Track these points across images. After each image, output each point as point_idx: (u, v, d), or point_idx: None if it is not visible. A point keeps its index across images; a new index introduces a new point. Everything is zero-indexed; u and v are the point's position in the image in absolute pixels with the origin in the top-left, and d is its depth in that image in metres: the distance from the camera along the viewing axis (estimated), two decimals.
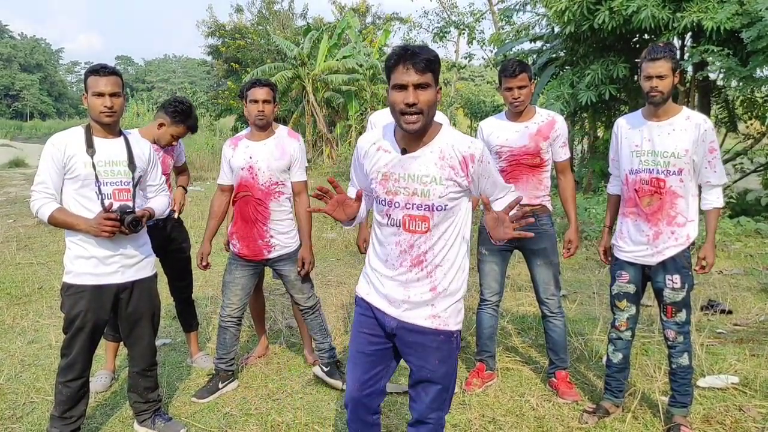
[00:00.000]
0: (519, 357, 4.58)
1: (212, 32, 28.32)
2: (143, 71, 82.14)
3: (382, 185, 2.42)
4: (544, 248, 3.89)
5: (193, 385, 4.19)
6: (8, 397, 4.00)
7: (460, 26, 18.45)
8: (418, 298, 2.43)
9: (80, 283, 3.18)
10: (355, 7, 27.73)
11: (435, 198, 2.34)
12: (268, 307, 5.71)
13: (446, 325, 2.45)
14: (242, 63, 25.90)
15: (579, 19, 10.61)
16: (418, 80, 2.22)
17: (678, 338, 3.45)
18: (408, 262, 2.42)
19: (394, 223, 2.41)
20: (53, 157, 3.12)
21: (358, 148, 2.53)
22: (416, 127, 2.27)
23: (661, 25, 9.84)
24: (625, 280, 3.54)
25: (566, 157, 3.92)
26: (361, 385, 2.57)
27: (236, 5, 28.86)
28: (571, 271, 7.18)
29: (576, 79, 11.39)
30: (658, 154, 3.36)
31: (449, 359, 2.49)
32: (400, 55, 2.24)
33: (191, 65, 65.78)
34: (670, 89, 3.29)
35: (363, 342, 2.57)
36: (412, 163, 2.36)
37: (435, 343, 2.45)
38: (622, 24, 10.08)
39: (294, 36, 24.32)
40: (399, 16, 28.68)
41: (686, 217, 3.37)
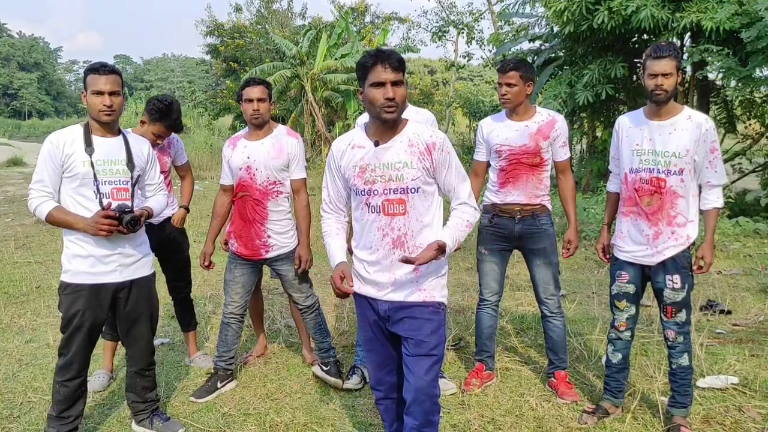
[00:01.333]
0: (518, 357, 4.57)
1: (211, 31, 28.28)
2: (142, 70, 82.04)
3: (360, 177, 2.64)
4: (543, 248, 3.88)
5: (192, 384, 4.18)
6: (5, 396, 3.98)
7: (458, 26, 18.46)
8: (403, 278, 2.64)
9: (78, 282, 3.16)
10: (354, 7, 27.70)
11: (409, 181, 2.57)
12: (267, 306, 5.69)
13: (432, 297, 2.66)
14: (241, 62, 25.87)
15: (578, 19, 10.60)
16: (394, 78, 2.51)
17: (678, 338, 3.43)
18: (389, 244, 2.63)
19: (374, 209, 2.63)
20: (51, 156, 3.11)
21: (334, 151, 2.75)
22: (394, 116, 2.54)
23: (660, 25, 9.83)
24: (624, 280, 3.53)
25: (566, 156, 3.91)
26: (378, 366, 2.86)
27: (235, 4, 28.82)
28: (571, 271, 7.17)
29: (574, 78, 11.38)
30: (659, 153, 3.35)
31: (439, 330, 2.67)
32: (377, 56, 2.52)
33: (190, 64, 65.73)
34: (673, 88, 3.28)
35: (367, 330, 2.84)
36: (385, 153, 2.60)
37: (425, 315, 2.65)
38: (621, 24, 10.07)
39: (293, 35, 24.27)
40: (398, 16, 28.68)
41: (686, 217, 3.36)
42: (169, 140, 4.30)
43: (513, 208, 3.87)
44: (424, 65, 44.60)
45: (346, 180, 2.71)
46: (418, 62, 44.29)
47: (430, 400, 2.64)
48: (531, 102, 3.88)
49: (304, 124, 20.83)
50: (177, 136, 4.42)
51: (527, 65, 3.77)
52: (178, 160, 4.43)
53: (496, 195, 3.94)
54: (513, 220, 3.87)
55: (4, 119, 50.03)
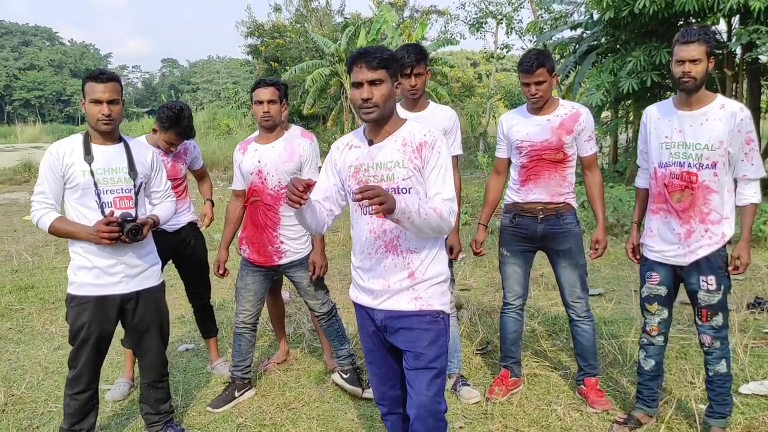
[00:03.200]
0: (548, 362, 4.36)
1: (251, 32, 28.49)
2: (188, 73, 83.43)
3: (354, 177, 2.53)
4: (568, 248, 3.67)
5: (211, 393, 4.11)
6: (28, 406, 3.99)
7: (497, 16, 18.11)
8: (397, 285, 2.50)
9: (83, 294, 3.11)
10: (392, 2, 27.51)
11: (399, 180, 2.45)
12: (293, 309, 5.62)
13: (429, 305, 2.51)
14: (281, 61, 25.98)
15: (618, 4, 10.25)
16: (371, 77, 2.39)
17: (714, 344, 3.19)
18: (383, 249, 2.51)
19: (367, 211, 2.50)
20: (51, 167, 3.06)
21: (332, 152, 2.65)
22: (372, 117, 2.43)
23: (705, 7, 9.42)
24: (655, 281, 3.30)
25: (592, 151, 3.68)
26: (381, 380, 2.73)
27: (274, 4, 28.97)
28: (610, 267, 6.88)
29: (617, 66, 11.00)
30: (689, 146, 3.11)
31: (438, 341, 2.52)
32: (355, 57, 2.43)
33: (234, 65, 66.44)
34: (703, 75, 3.03)
35: (367, 341, 2.71)
36: (378, 153, 2.50)
37: (422, 325, 2.50)
38: (663, 8, 9.70)
39: (332, 33, 24.25)
40: (437, 9, 28.36)
41: (721, 213, 3.11)
42: (186, 147, 4.23)
43: (535, 207, 3.67)
44: (466, 58, 44.11)
45: (342, 182, 2.60)
46: (460, 55, 43.81)
47: (434, 417, 2.50)
48: (573, 92, 3.67)
49: (344, 122, 20.80)
50: (194, 143, 4.36)
51: (549, 56, 3.55)
52: (194, 165, 4.38)
53: (517, 193, 3.74)
54: (535, 219, 3.67)
55: (59, 125, 51.49)
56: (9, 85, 69.71)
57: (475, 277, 6.72)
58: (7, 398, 4.06)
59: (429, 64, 3.24)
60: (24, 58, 73.06)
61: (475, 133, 21.36)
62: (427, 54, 3.71)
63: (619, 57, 11.22)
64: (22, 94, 68.96)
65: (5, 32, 78.54)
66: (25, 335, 5.32)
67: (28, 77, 69.37)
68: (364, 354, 2.78)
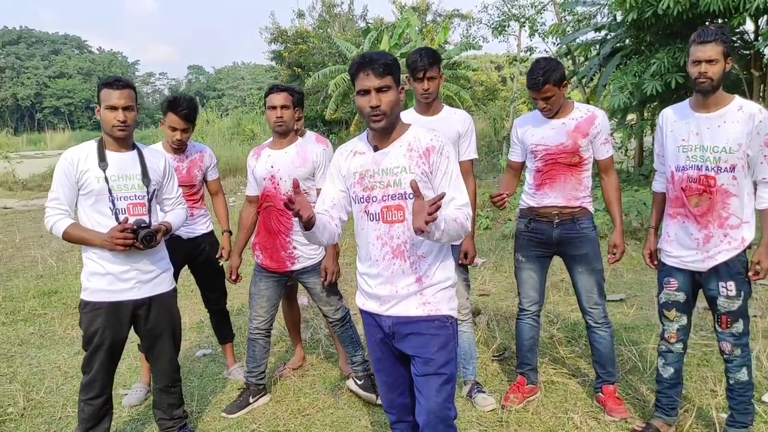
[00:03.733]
0: (566, 369, 4.29)
1: (275, 38, 28.69)
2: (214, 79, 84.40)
3: (359, 184, 2.52)
4: (585, 254, 3.60)
5: (226, 398, 4.12)
6: (46, 410, 4.03)
7: (520, 19, 17.98)
8: (405, 290, 2.49)
9: (96, 300, 3.13)
10: (415, 6, 27.52)
11: (407, 186, 2.40)
12: (310, 315, 5.62)
13: (438, 310, 2.49)
14: (304, 67, 26.12)
15: (641, 5, 10.10)
16: (378, 84, 2.38)
17: (735, 351, 3.11)
18: (390, 254, 2.49)
19: (373, 217, 2.50)
20: (66, 173, 3.09)
21: (336, 158, 2.64)
22: (381, 125, 2.42)
23: (731, 7, 9.23)
24: (673, 287, 3.23)
25: (608, 154, 3.61)
26: (389, 388, 2.70)
27: (298, 10, 29.16)
28: (633, 272, 6.76)
29: (641, 68, 10.84)
30: (707, 149, 3.04)
31: (447, 346, 2.50)
32: (360, 64, 2.41)
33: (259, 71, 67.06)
34: (720, 76, 2.96)
35: (375, 349, 2.68)
36: (384, 159, 2.49)
37: (431, 330, 2.48)
38: (688, 8, 9.53)
39: (354, 37, 24.32)
40: (460, 13, 28.28)
41: (740, 217, 3.03)
42: (201, 154, 4.24)
43: (550, 212, 3.61)
44: (490, 61, 43.90)
45: (347, 188, 2.59)
46: (484, 58, 43.63)
47: (444, 423, 2.47)
48: (598, 95, 3.61)
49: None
50: (210, 151, 4.34)
51: (555, 69, 3.42)
52: (209, 175, 4.33)
53: (532, 198, 3.69)
54: (551, 224, 3.62)
55: (88, 132, 52.29)
56: (39, 93, 71.21)
57: (494, 282, 6.66)
58: (26, 402, 4.11)
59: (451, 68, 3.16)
60: (54, 66, 74.61)
61: (498, 137, 21.23)
62: (440, 57, 3.68)
63: (643, 59, 11.06)
64: (52, 101, 70.40)
65: (35, 41, 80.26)
66: (47, 340, 5.38)
67: (58, 85, 70.80)
68: (372, 362, 2.75)
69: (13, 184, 18.20)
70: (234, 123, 29.46)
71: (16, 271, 7.98)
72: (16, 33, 79.97)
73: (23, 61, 74.96)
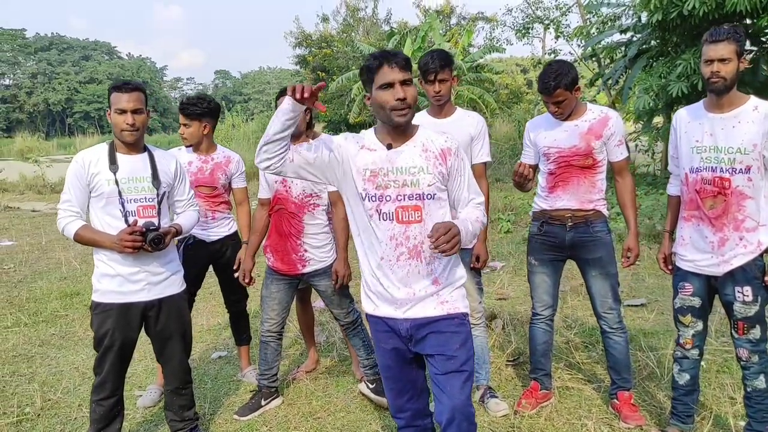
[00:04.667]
0: (581, 374, 4.22)
1: (299, 42, 28.87)
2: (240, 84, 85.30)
3: (371, 182, 2.45)
4: (599, 257, 3.54)
5: (239, 401, 4.12)
6: (62, 411, 4.07)
7: (545, 21, 17.87)
8: (422, 292, 2.46)
9: (107, 302, 3.16)
10: (439, 9, 27.48)
11: (425, 186, 2.41)
12: (325, 318, 5.61)
13: (456, 308, 2.49)
14: (328, 71, 26.23)
15: (667, 6, 9.95)
16: (403, 77, 2.35)
17: (752, 358, 3.04)
18: (406, 255, 2.44)
19: (387, 216, 2.44)
20: (77, 175, 3.12)
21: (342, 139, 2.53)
22: (406, 119, 2.38)
23: (759, 8, 9.06)
24: (688, 292, 3.16)
25: (623, 156, 3.55)
26: (397, 394, 2.64)
27: (322, 14, 29.33)
28: (655, 276, 6.64)
29: (666, 70, 10.68)
30: (721, 150, 2.97)
31: (467, 343, 2.49)
32: (382, 57, 2.37)
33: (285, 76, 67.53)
34: (734, 75, 2.90)
35: (384, 356, 2.62)
36: (399, 157, 2.44)
37: (451, 328, 2.47)
38: (714, 9, 9.37)
39: (378, 41, 24.36)
40: (484, 16, 28.17)
41: (756, 220, 2.96)
42: (228, 158, 4.25)
43: (564, 215, 3.56)
44: (516, 64, 43.67)
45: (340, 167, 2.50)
46: (510, 61, 43.40)
47: (468, 420, 2.44)
48: (624, 97, 3.56)
49: None
50: (239, 158, 4.34)
51: (566, 73, 3.36)
52: (235, 182, 4.31)
53: (545, 201, 3.65)
54: (564, 227, 3.57)
55: None
56: (70, 98, 72.63)
57: (513, 286, 6.59)
58: (43, 402, 4.16)
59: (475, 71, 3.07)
60: (84, 72, 76.06)
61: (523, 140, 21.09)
62: (452, 60, 3.65)
63: (668, 60, 10.90)
64: (82, 106, 71.76)
65: (67, 47, 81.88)
66: (67, 341, 5.45)
67: (88, 90, 72.12)
68: (379, 369, 2.71)
69: (42, 188, 18.52)
70: (259, 127, 29.58)
71: (40, 272, 8.11)
72: (47, 39, 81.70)
73: (54, 67, 76.57)
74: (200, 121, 4.12)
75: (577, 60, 16.73)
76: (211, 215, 4.20)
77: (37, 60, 77.40)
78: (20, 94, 73.59)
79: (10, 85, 76.52)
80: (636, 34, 12.96)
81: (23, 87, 74.11)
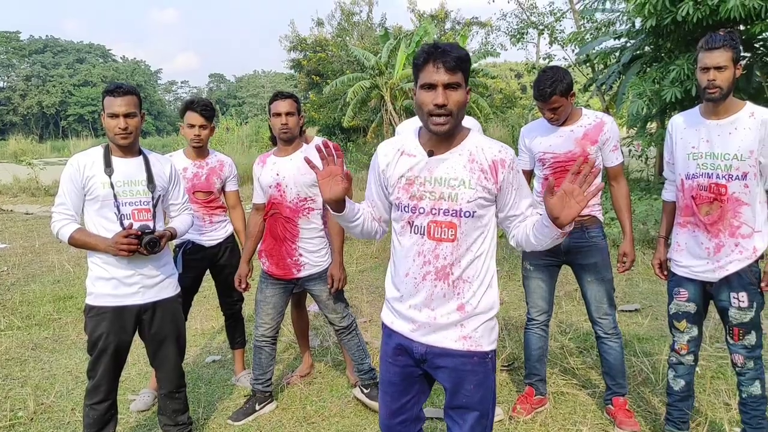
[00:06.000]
0: (576, 380, 4.22)
1: (294, 46, 28.88)
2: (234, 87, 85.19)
3: (405, 190, 2.24)
4: (594, 263, 3.55)
5: (233, 405, 4.11)
6: (55, 415, 4.04)
7: (539, 27, 17.91)
8: (445, 319, 2.22)
9: (101, 305, 3.14)
10: (433, 14, 27.53)
11: (463, 203, 2.16)
12: (320, 323, 5.60)
13: (479, 345, 2.23)
14: (323, 75, 26.24)
15: (661, 12, 9.99)
16: (448, 80, 2.07)
17: (747, 364, 3.04)
18: (432, 275, 2.21)
19: (418, 230, 2.22)
20: (72, 178, 3.10)
21: (378, 155, 2.34)
22: (444, 129, 2.12)
23: (753, 14, 9.10)
24: (683, 298, 3.16)
25: (618, 161, 3.56)
26: (392, 413, 2.42)
27: (317, 18, 29.37)
28: (649, 282, 6.66)
29: (659, 75, 10.73)
30: (717, 156, 2.98)
31: (486, 382, 2.26)
32: (429, 53, 2.09)
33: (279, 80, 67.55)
34: (730, 83, 2.90)
35: (390, 371, 2.41)
36: (439, 166, 2.19)
37: (468, 366, 2.24)
38: (708, 15, 9.41)
39: (372, 46, 24.40)
40: (478, 21, 28.25)
41: (752, 227, 2.96)
42: (221, 163, 4.26)
43: None
44: (510, 69, 43.81)
45: (388, 190, 2.33)
46: (504, 66, 43.56)
47: None
48: (618, 103, 3.56)
49: (384, 134, 20.84)
50: (231, 161, 4.36)
51: (562, 79, 3.37)
52: (228, 185, 4.33)
53: (540, 206, 3.64)
54: None
55: None
56: (64, 101, 72.38)
57: (507, 291, 6.59)
58: (36, 406, 4.13)
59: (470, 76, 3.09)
60: (78, 74, 75.83)
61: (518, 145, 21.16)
62: None
63: (662, 66, 10.95)
64: (76, 109, 71.53)
65: (61, 50, 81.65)
66: (60, 344, 5.42)
67: (82, 93, 71.90)
68: (380, 381, 2.50)
69: (36, 190, 18.43)
70: (253, 131, 29.62)
71: (34, 276, 8.07)
72: (42, 42, 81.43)
73: (49, 70, 76.32)
74: (211, 123, 4.17)
75: (571, 65, 16.77)
76: (208, 219, 4.20)
77: (31, 62, 77.11)
78: (14, 96, 73.30)
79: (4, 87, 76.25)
80: (630, 40, 13.01)
81: (17, 89, 73.81)
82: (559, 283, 5.46)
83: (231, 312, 4.48)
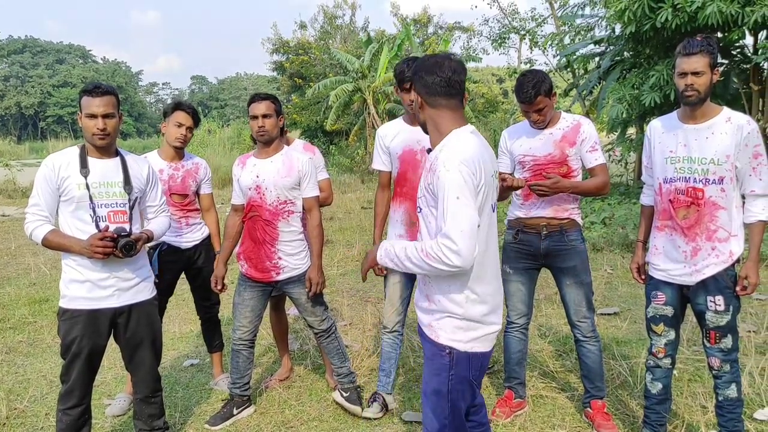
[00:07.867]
0: (555, 383, 4.23)
1: (277, 49, 28.79)
2: (216, 90, 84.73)
3: None
4: (573, 266, 3.56)
5: (211, 409, 4.06)
6: (29, 420, 3.98)
7: (520, 32, 18.02)
8: (421, 302, 2.44)
9: (75, 308, 3.08)
10: (416, 18, 27.59)
11: None
12: (300, 326, 5.57)
13: (436, 336, 2.36)
14: (305, 78, 26.19)
15: (640, 18, 10.09)
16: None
17: (724, 367, 3.06)
18: None
19: None
20: (47, 179, 3.05)
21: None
22: None
23: (729, 21, 9.23)
24: (661, 301, 3.18)
25: (597, 162, 3.53)
26: None
27: (300, 21, 29.31)
28: (628, 285, 6.70)
29: (639, 80, 10.84)
30: (695, 160, 3.00)
31: (439, 376, 2.35)
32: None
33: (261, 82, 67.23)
34: (707, 88, 2.93)
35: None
36: None
37: (429, 352, 2.41)
38: (686, 21, 9.52)
39: (355, 49, 24.41)
40: (461, 26, 28.36)
41: (728, 231, 2.98)
42: (197, 165, 4.23)
43: (539, 223, 3.57)
44: (492, 74, 44.02)
45: None
46: (486, 71, 43.78)
47: None
48: (598, 108, 3.57)
49: (366, 137, 20.84)
50: (206, 164, 4.33)
51: (543, 80, 3.38)
52: (203, 188, 4.29)
53: (520, 209, 3.65)
54: (539, 236, 3.58)
55: None
56: (43, 102, 71.54)
57: None
58: (9, 411, 4.05)
59: None
60: (58, 75, 74.99)
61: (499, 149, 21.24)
62: None
63: (642, 71, 11.06)
64: (56, 110, 70.72)
65: (40, 50, 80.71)
66: (35, 348, 5.33)
67: (62, 94, 71.11)
68: None
69: (13, 192, 18.18)
70: (235, 133, 29.48)
71: (9, 278, 7.94)
72: (21, 42, 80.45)
73: (27, 70, 75.40)
74: (196, 128, 4.15)
75: (552, 70, 16.88)
76: (184, 222, 4.16)
77: (9, 63, 76.17)
78: None
79: None
80: (610, 46, 13.13)
81: None
82: (538, 287, 5.47)
83: (208, 316, 4.43)
